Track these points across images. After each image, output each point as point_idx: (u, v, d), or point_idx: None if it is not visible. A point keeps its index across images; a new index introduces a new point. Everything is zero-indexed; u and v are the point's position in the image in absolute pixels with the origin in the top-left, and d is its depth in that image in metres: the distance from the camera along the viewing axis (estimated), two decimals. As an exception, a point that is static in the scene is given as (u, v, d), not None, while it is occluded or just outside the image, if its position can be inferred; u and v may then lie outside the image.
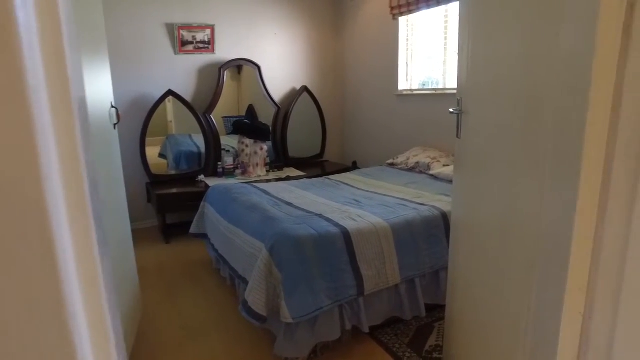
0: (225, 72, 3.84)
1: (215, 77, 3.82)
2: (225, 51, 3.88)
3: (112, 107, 1.87)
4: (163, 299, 2.46)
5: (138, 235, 3.42)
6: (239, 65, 3.99)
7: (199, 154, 3.82)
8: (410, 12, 3.52)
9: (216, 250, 2.47)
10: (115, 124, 1.90)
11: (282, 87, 4.26)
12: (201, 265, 2.93)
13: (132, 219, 2.20)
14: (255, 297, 1.76)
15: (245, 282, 1.96)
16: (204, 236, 2.76)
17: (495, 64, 1.25)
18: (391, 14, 3.71)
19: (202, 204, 2.80)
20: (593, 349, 0.90)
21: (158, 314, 2.28)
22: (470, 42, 1.40)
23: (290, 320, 1.65)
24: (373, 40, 4.08)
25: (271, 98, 4.10)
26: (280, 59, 4.22)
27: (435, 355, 1.87)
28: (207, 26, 3.76)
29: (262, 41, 4.08)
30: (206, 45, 3.79)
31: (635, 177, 0.77)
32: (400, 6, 3.57)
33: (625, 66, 0.75)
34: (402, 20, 3.71)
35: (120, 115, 1.97)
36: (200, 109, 3.77)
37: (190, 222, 2.87)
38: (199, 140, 3.80)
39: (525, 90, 1.08)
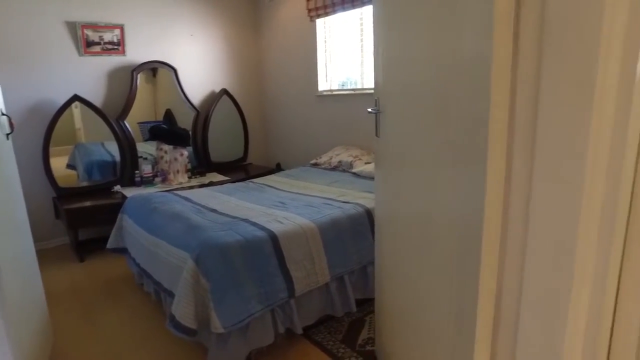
0: (139, 76, 3.62)
1: (127, 80, 3.58)
2: (137, 53, 3.66)
3: (3, 114, 1.67)
4: (80, 323, 2.25)
5: (46, 256, 3.10)
6: (153, 68, 3.79)
7: (114, 162, 3.56)
8: (327, 14, 3.59)
9: (138, 265, 2.32)
10: (8, 134, 1.70)
11: (201, 90, 4.12)
12: (122, 281, 2.73)
13: (38, 238, 1.99)
14: (183, 310, 1.68)
15: (171, 295, 1.86)
16: (123, 251, 2.58)
17: (407, 65, 1.31)
18: (308, 15, 3.76)
19: (119, 216, 2.61)
20: (504, 323, 0.99)
21: (75, 340, 2.08)
22: (384, 44, 1.46)
23: (221, 330, 1.61)
24: (292, 42, 4.11)
25: (189, 102, 3.95)
26: (197, 61, 4.07)
27: (368, 347, 1.92)
28: (115, 26, 3.51)
29: (177, 43, 3.91)
30: (115, 47, 3.54)
31: (529, 167, 0.86)
32: (317, 8, 3.63)
33: (517, 69, 0.83)
34: (320, 22, 3.78)
35: (14, 123, 1.77)
36: (112, 114, 3.51)
37: (107, 237, 2.66)
38: (113, 148, 3.53)
39: (436, 90, 1.16)
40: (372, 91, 1.59)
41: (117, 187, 3.41)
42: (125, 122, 3.55)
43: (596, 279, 0.84)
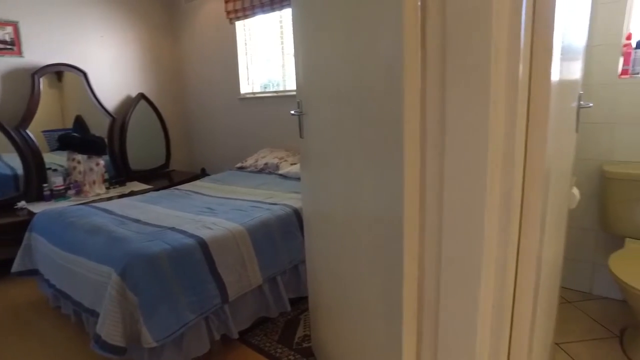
0: (41, 79, 3.31)
1: (27, 85, 3.26)
2: (37, 54, 3.34)
3: None
4: (-17, 357, 2.02)
5: (-64, 286, 2.72)
6: (58, 72, 3.49)
7: (15, 176, 3.22)
8: (246, 16, 3.58)
9: (53, 286, 2.13)
10: None
11: (116, 95, 3.89)
12: (33, 307, 2.49)
13: None
14: (109, 328, 1.58)
15: (94, 314, 1.75)
16: (33, 273, 2.36)
17: (326, 68, 1.37)
18: (227, 18, 3.71)
19: (26, 235, 2.38)
20: (427, 304, 1.07)
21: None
22: (303, 47, 1.50)
23: (153, 344, 1.55)
24: (212, 44, 4.03)
25: (103, 107, 3.70)
26: (110, 65, 3.83)
27: (304, 344, 1.96)
28: (7, 22, 3.17)
29: (86, 45, 3.65)
30: (9, 47, 3.20)
31: (440, 163, 0.95)
32: (236, 10, 3.60)
33: (426, 74, 0.92)
34: (239, 24, 3.75)
35: None
36: (10, 122, 3.18)
37: (11, 260, 2.41)
38: (13, 161, 3.20)
39: (354, 92, 1.22)
40: (295, 93, 1.63)
41: (22, 203, 3.10)
42: (28, 130, 3.23)
43: (499, 256, 0.95)
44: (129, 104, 3.91)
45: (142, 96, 3.97)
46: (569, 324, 2.08)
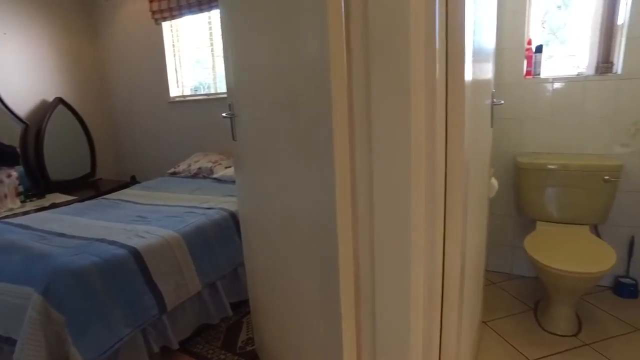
0: (-64, 84, 2.96)
1: None
2: None
3: None
4: None
5: None
6: (-44, 75, 3.14)
7: None
8: (173, 17, 3.46)
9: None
10: None
11: (28, 100, 3.57)
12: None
13: None
14: (29, 354, 1.46)
15: (11, 342, 1.60)
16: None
17: (257, 69, 1.37)
18: (153, 18, 3.57)
19: None
20: (363, 298, 1.12)
21: None
22: (233, 48, 1.49)
23: (84, 364, 1.45)
24: (137, 46, 3.84)
25: (13, 113, 3.39)
26: (20, 66, 3.51)
27: (248, 348, 1.95)
28: None
29: (-13, 44, 3.32)
30: None
31: (368, 160, 0.99)
32: (162, 11, 3.47)
33: (352, 74, 0.96)
34: (166, 25, 3.62)
35: None
36: None
37: None
38: None
39: (284, 93, 1.24)
40: (226, 95, 1.62)
41: None
42: None
43: (427, 245, 1.02)
44: (44, 109, 3.61)
45: (60, 100, 3.69)
46: (494, 303, 2.26)
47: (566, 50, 2.40)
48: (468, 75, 1.04)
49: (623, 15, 2.09)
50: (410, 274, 1.01)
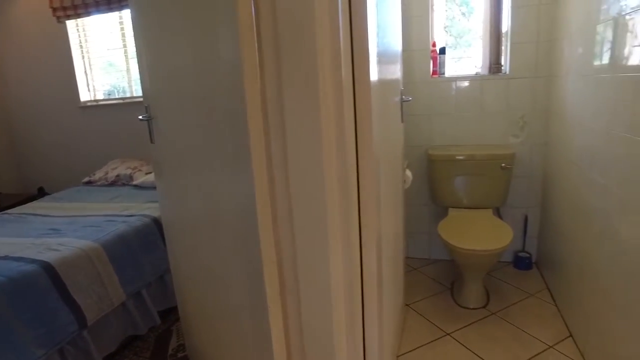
0: None
1: None
2: None
3: None
4: None
5: None
6: None
7: None
8: (78, 15, 3.25)
9: None
10: None
11: None
12: None
13: None
14: None
15: None
16: None
17: (173, 70, 1.35)
18: (54, 16, 3.31)
19: None
20: (288, 291, 1.17)
21: None
22: (147, 49, 1.46)
23: (-8, 392, 1.34)
24: (38, 45, 3.54)
25: None
26: None
27: (179, 355, 1.91)
28: None
29: None
30: None
31: (284, 156, 1.04)
32: (64, 8, 3.24)
33: (264, 75, 1.00)
34: (71, 24, 3.38)
35: None
36: None
37: None
38: None
39: (202, 95, 1.25)
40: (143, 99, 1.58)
41: None
42: None
43: (343, 236, 1.10)
44: None
45: (-54, 108, 3.30)
46: (415, 286, 2.44)
47: (469, 53, 2.66)
48: (373, 75, 1.13)
49: (506, 24, 2.36)
50: (329, 265, 1.08)
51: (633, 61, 1.32)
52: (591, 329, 1.70)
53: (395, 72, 1.64)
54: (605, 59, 1.55)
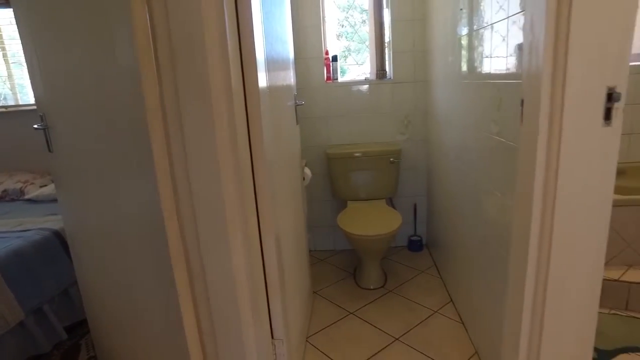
0: None
1: None
2: None
3: None
4: None
5: None
6: None
7: None
8: (-55, 18, 2.94)
9: None
10: None
11: None
12: None
13: None
14: None
15: None
16: None
17: (71, 79, 1.34)
18: None
19: None
20: (196, 279, 1.27)
21: None
22: (38, 55, 1.43)
23: None
24: None
25: None
26: None
27: (88, 367, 1.88)
28: None
29: None
30: None
31: (185, 161, 1.14)
32: None
33: (162, 82, 1.10)
34: (-64, 27, 3.04)
35: None
36: None
37: None
38: None
39: (102, 102, 1.28)
40: (35, 107, 1.55)
41: None
42: None
43: (242, 227, 1.23)
44: None
45: None
46: (322, 275, 2.64)
47: (363, 59, 2.94)
48: (262, 82, 1.28)
49: (388, 35, 2.68)
50: (232, 260, 1.19)
51: (485, 70, 1.64)
52: (463, 292, 2.03)
53: (287, 78, 1.80)
54: (464, 68, 1.88)
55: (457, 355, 1.79)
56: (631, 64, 2.57)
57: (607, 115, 0.98)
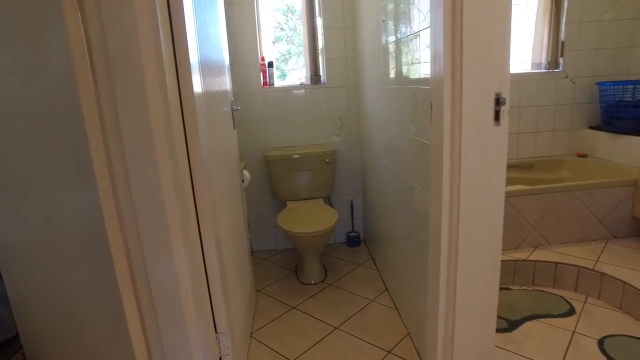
0: None
1: None
2: None
3: None
4: None
5: None
6: None
7: None
8: None
9: None
10: None
11: None
12: None
13: None
14: None
15: None
16: None
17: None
18: None
19: None
20: (139, 282, 1.30)
21: None
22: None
23: None
24: None
25: None
26: None
27: (21, 384, 1.81)
28: None
29: None
30: None
31: (125, 167, 1.18)
32: None
33: (98, 90, 1.13)
34: None
35: None
36: None
37: None
38: None
39: (33, 107, 1.26)
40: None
41: None
42: None
43: (184, 235, 1.28)
44: None
45: None
46: (265, 274, 2.72)
47: (299, 65, 3.05)
48: (197, 88, 1.34)
49: (321, 42, 2.83)
50: (174, 261, 1.24)
51: (404, 76, 1.81)
52: (395, 281, 2.21)
53: (223, 83, 1.87)
54: (389, 74, 2.05)
55: (392, 337, 1.95)
56: (526, 71, 2.90)
57: (497, 117, 1.17)
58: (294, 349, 1.92)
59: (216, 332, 1.50)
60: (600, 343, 1.78)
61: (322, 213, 2.55)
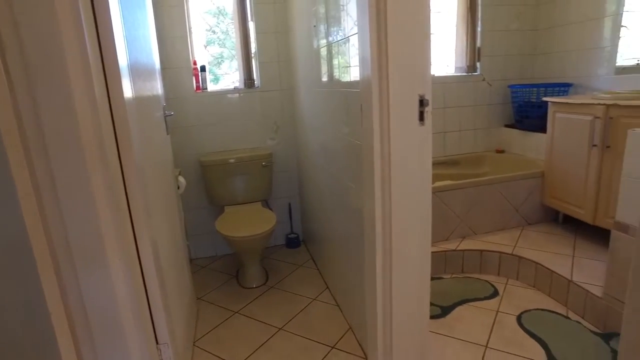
0: None
1: None
2: None
3: None
4: None
5: None
6: None
7: None
8: None
9: None
10: None
11: None
12: None
13: None
14: None
15: None
16: None
17: None
18: None
19: None
20: (70, 293, 1.24)
21: None
22: None
23: None
24: None
25: None
26: None
27: None
28: None
29: None
30: None
31: (51, 181, 1.12)
32: None
33: (17, 101, 1.06)
34: None
35: None
36: None
37: None
38: None
39: None
40: None
41: None
42: None
43: (120, 244, 1.24)
44: None
45: None
46: (205, 281, 2.67)
47: (237, 66, 3.03)
48: (128, 92, 1.30)
49: (254, 46, 2.84)
50: (110, 274, 1.20)
51: (335, 79, 1.88)
52: (335, 278, 2.28)
53: (155, 88, 1.82)
54: (321, 77, 2.11)
55: (335, 333, 2.01)
56: (449, 74, 3.13)
57: (421, 117, 1.27)
58: (238, 354, 1.91)
59: (157, 343, 1.46)
60: (519, 318, 1.98)
61: (260, 216, 2.56)
